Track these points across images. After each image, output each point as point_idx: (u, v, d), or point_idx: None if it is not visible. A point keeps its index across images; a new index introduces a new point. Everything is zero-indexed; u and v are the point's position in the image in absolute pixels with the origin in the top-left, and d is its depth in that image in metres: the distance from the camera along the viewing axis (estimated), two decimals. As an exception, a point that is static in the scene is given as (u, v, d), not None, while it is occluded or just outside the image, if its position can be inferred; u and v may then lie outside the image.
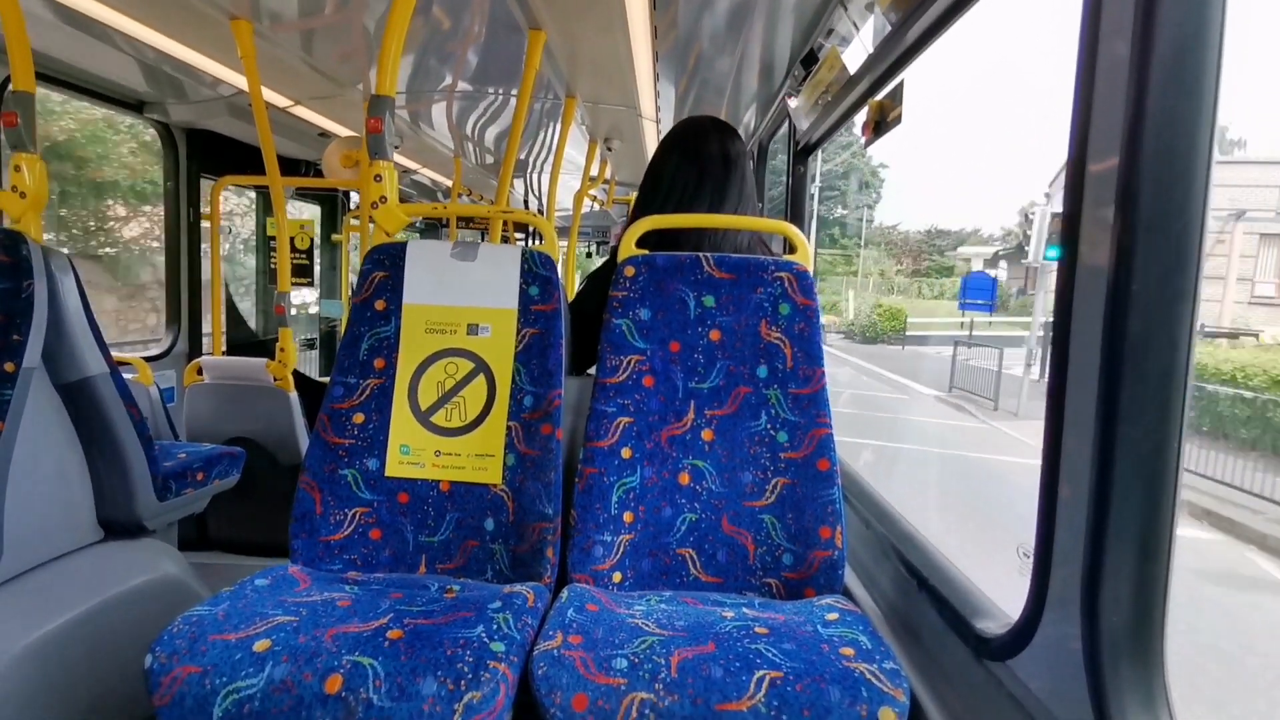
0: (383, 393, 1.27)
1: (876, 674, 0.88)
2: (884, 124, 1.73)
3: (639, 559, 1.22)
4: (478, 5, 1.91)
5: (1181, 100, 0.62)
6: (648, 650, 0.92)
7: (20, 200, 1.43)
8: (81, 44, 2.18)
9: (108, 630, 1.39)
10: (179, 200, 3.14)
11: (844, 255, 37.56)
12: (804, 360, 1.24)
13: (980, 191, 50.82)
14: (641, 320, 1.27)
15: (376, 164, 1.36)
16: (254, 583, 1.07)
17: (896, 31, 1.43)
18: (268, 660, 0.89)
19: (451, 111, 3.18)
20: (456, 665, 0.88)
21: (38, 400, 1.40)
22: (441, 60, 2.43)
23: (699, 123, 1.54)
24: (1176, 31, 0.62)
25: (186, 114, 2.97)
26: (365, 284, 1.31)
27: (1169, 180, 0.63)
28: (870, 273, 36.33)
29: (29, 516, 1.37)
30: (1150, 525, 0.66)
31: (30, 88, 1.43)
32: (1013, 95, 59.76)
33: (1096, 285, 0.67)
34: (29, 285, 1.35)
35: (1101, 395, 0.67)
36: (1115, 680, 0.68)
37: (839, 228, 38.35)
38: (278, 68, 2.41)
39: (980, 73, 59.35)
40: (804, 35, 2.04)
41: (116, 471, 1.57)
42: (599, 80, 2.56)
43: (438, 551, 1.24)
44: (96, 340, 1.52)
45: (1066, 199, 0.72)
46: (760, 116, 3.03)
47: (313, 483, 1.23)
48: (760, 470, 1.22)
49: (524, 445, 1.25)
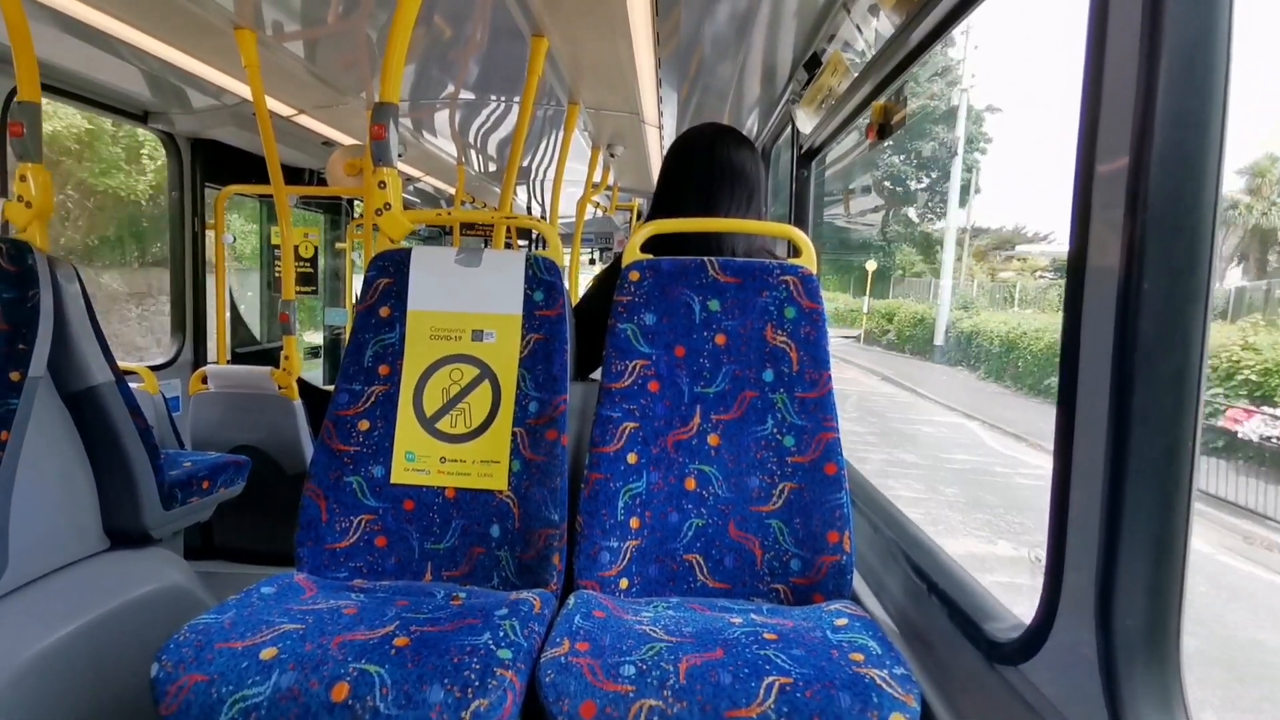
0: (388, 399, 1.27)
1: (887, 680, 0.87)
2: (888, 127, 1.73)
3: (646, 565, 1.21)
4: (480, 12, 1.91)
5: (1191, 99, 0.62)
6: (655, 657, 0.91)
7: (26, 210, 1.44)
8: (87, 54, 2.20)
9: (114, 639, 1.39)
10: (184, 209, 3.15)
11: (921, 247, 26.76)
12: (810, 364, 1.23)
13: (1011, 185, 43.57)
14: (646, 325, 1.26)
15: (380, 171, 1.37)
16: (260, 591, 1.07)
17: (899, 35, 1.43)
18: (274, 668, 0.88)
19: (454, 119, 3.20)
20: (463, 673, 0.87)
21: (43, 409, 1.40)
22: (444, 68, 2.44)
23: (709, 131, 1.55)
24: (1185, 30, 0.62)
25: (191, 124, 2.98)
26: (370, 291, 1.31)
27: (1179, 180, 0.63)
28: (972, 273, 24.51)
29: (35, 526, 1.37)
30: (1164, 528, 0.66)
31: (36, 98, 1.44)
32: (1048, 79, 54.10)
33: (1107, 286, 0.67)
34: (34, 294, 1.36)
35: (1113, 397, 0.66)
36: (1130, 684, 0.67)
37: (912, 208, 27.39)
38: (281, 77, 2.43)
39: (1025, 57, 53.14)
40: (806, 40, 2.04)
41: (122, 480, 1.57)
42: (601, 86, 2.57)
43: (444, 559, 1.23)
44: (102, 349, 1.53)
45: (1076, 199, 0.71)
46: (763, 121, 3.03)
47: (318, 490, 1.23)
48: (767, 475, 1.21)
49: (529, 451, 1.25)
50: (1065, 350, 0.73)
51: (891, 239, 27.76)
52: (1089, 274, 0.70)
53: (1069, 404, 0.72)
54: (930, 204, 27.94)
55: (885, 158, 26.25)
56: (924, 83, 22.10)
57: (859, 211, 25.87)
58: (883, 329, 21.37)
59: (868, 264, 22.80)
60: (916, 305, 20.99)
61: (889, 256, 26.93)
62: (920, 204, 28.07)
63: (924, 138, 25.87)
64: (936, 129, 25.35)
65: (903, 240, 27.88)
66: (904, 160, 26.72)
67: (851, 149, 2.73)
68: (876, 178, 27.11)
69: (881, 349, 20.59)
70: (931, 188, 27.38)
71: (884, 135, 1.73)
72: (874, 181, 27.09)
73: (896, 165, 26.45)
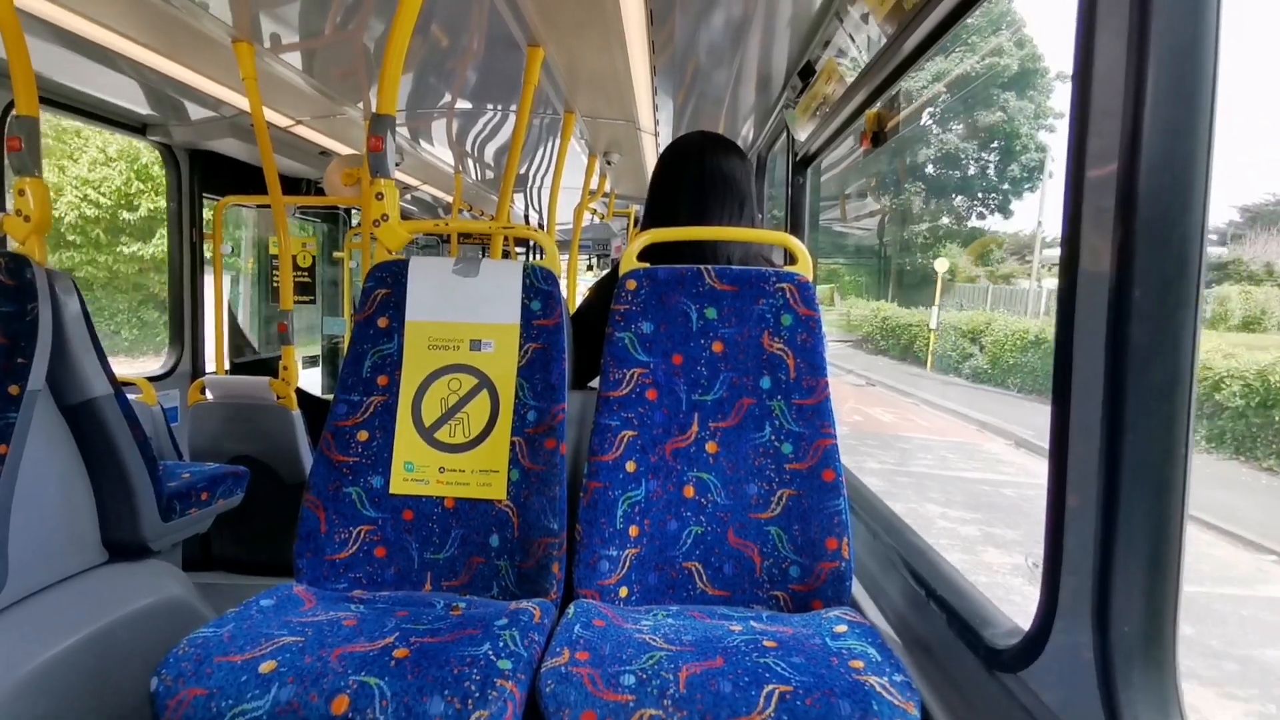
0: (386, 410, 1.27)
1: (887, 687, 0.87)
2: (881, 134, 1.74)
3: (645, 573, 1.21)
4: (476, 23, 1.93)
5: (1179, 108, 0.63)
6: (656, 666, 0.91)
7: (24, 224, 1.44)
8: (85, 68, 2.21)
9: (113, 653, 1.38)
10: (182, 220, 3.16)
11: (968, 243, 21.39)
12: (807, 371, 1.24)
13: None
14: (644, 333, 1.27)
15: (378, 182, 1.37)
16: (259, 603, 1.07)
17: (893, 43, 1.44)
18: (274, 682, 0.88)
19: (452, 128, 3.21)
20: (464, 684, 0.87)
21: (42, 423, 1.40)
22: (441, 78, 2.45)
23: (699, 139, 1.56)
24: (1172, 38, 0.62)
25: (189, 135, 2.99)
26: (368, 301, 1.32)
27: (1168, 188, 0.63)
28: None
29: (34, 539, 1.36)
30: (1159, 533, 0.66)
31: (34, 112, 1.44)
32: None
33: (1098, 293, 0.67)
34: (33, 308, 1.36)
35: (1106, 403, 0.66)
36: (1128, 689, 0.67)
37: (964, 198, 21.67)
38: (279, 88, 2.44)
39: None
40: (801, 47, 2.05)
41: (121, 493, 1.57)
42: (597, 95, 2.58)
43: (443, 569, 1.23)
44: (100, 361, 1.53)
45: (1066, 206, 0.72)
46: (759, 128, 3.05)
47: (317, 501, 1.23)
48: (765, 482, 1.22)
49: (528, 460, 1.25)
50: (1059, 357, 0.73)
51: (938, 236, 22.10)
52: (1081, 281, 0.70)
53: (1063, 411, 0.73)
54: (992, 190, 21.77)
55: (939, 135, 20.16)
56: (983, 36, 17.92)
57: (855, 215, 21.72)
58: (963, 352, 15.01)
59: (936, 263, 17.61)
60: (1026, 320, 14.97)
61: (921, 254, 21.39)
62: (980, 191, 22.00)
63: (988, 106, 20.97)
64: (1005, 96, 20.56)
65: (950, 237, 22.14)
66: (964, 136, 20.97)
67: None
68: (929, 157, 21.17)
69: (966, 382, 14.49)
70: (998, 168, 21.45)
71: (878, 143, 1.74)
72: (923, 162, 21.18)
73: (953, 145, 20.66)
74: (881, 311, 19.10)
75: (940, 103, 20.98)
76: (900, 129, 1.74)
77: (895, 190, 22.41)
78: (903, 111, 1.74)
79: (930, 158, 22.61)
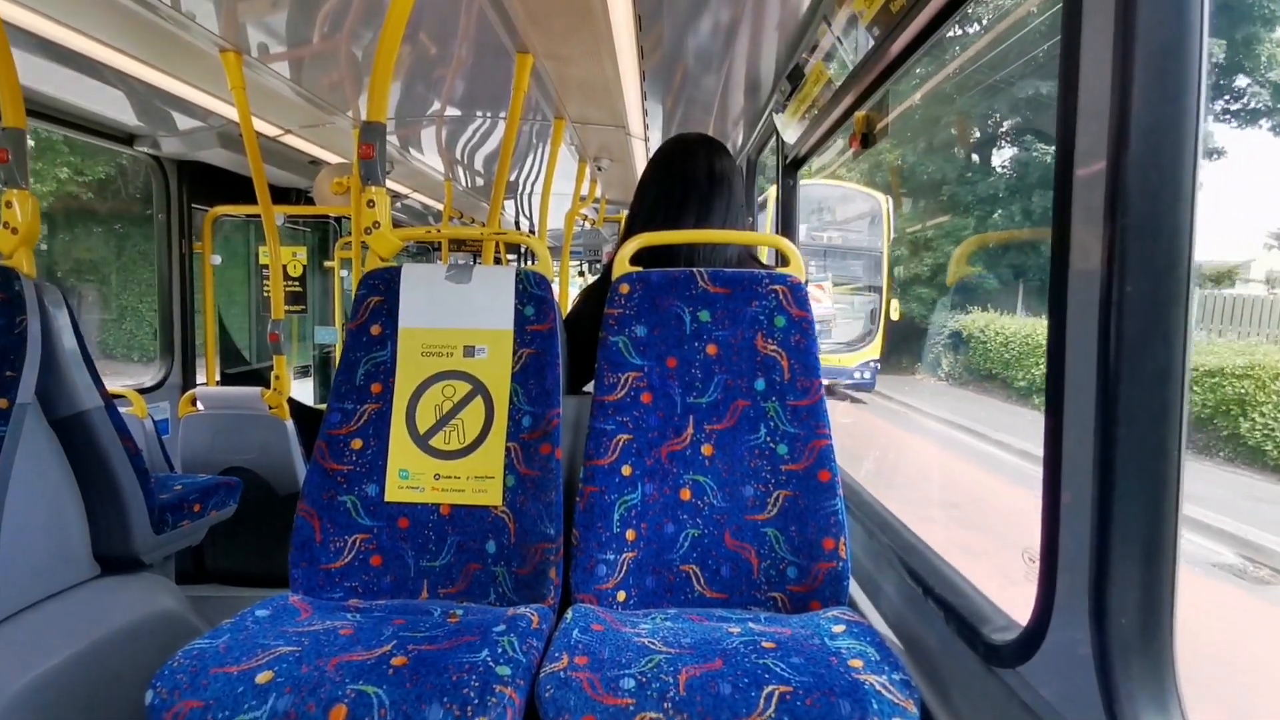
0: (380, 418, 1.27)
1: (886, 685, 0.87)
2: (870, 136, 1.75)
3: (643, 577, 1.21)
4: (465, 30, 1.93)
5: (1165, 105, 0.63)
6: (655, 669, 0.91)
7: (12, 236, 1.43)
8: (72, 80, 2.19)
9: (106, 668, 1.37)
10: (170, 231, 3.14)
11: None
12: (801, 372, 1.24)
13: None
14: (638, 337, 1.27)
15: (369, 189, 1.37)
16: (254, 614, 1.06)
17: (880, 46, 1.45)
18: (271, 692, 0.87)
19: (441, 136, 3.21)
20: (462, 691, 0.87)
21: (32, 436, 1.39)
22: (430, 86, 2.45)
23: (685, 140, 1.57)
24: (1157, 36, 0.63)
25: (177, 146, 2.98)
26: (360, 310, 1.31)
27: (1156, 184, 0.64)
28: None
29: (24, 554, 1.35)
30: (1154, 527, 0.66)
31: (21, 124, 1.44)
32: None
33: (1089, 289, 0.68)
34: (22, 320, 1.35)
35: (1099, 399, 0.67)
36: (1127, 683, 0.67)
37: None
38: (268, 98, 2.43)
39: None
40: (789, 51, 2.07)
41: (112, 506, 1.56)
42: (587, 101, 2.59)
43: (440, 576, 1.23)
44: (91, 374, 1.52)
45: (1056, 203, 0.73)
46: (748, 132, 3.06)
47: (312, 510, 1.22)
48: (761, 483, 1.22)
49: (524, 466, 1.24)
50: (1051, 353, 0.74)
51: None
52: (1071, 278, 0.71)
53: (1057, 407, 0.73)
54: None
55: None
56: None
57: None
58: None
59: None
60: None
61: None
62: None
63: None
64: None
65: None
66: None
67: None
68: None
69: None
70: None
71: (867, 144, 1.75)
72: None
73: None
74: (1007, 328, 10.70)
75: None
76: (887, 132, 1.75)
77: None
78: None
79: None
